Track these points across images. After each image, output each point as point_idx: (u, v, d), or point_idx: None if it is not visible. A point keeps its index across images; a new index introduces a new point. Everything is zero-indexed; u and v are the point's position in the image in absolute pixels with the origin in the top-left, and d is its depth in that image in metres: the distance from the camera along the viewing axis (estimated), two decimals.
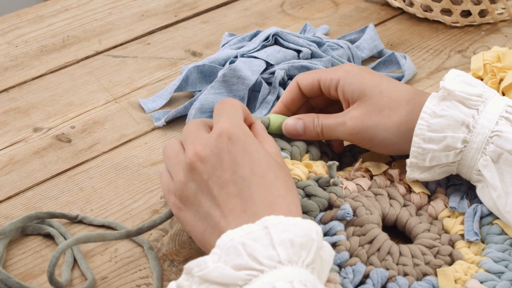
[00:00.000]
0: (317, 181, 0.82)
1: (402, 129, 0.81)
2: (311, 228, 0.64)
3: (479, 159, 0.77)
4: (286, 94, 0.88)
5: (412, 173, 0.81)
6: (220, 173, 0.70)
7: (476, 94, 0.78)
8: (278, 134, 0.87)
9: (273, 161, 0.72)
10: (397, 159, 0.87)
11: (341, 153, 0.89)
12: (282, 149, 0.84)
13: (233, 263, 0.62)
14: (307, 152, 0.86)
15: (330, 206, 0.80)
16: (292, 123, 0.86)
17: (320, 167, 0.84)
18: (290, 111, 0.89)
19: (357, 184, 0.83)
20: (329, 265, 0.66)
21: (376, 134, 0.81)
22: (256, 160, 0.70)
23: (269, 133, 0.86)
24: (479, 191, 0.79)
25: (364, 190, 0.83)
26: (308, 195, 0.80)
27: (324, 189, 0.81)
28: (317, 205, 0.79)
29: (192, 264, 0.62)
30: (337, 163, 0.83)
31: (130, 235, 0.77)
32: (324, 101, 0.90)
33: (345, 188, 0.82)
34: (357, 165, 0.85)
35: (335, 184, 0.81)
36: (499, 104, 0.78)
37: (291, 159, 0.85)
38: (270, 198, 0.68)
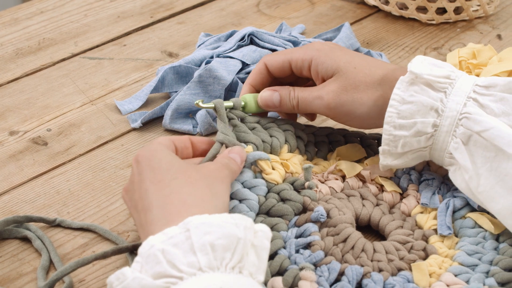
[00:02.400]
0: (292, 183, 0.82)
1: (378, 103, 0.81)
2: (238, 224, 0.64)
3: (450, 142, 0.78)
4: (254, 76, 0.88)
5: (385, 160, 0.81)
6: (133, 195, 0.72)
7: (444, 75, 0.78)
8: (257, 115, 0.88)
9: (177, 164, 0.72)
10: (371, 156, 0.88)
11: (318, 139, 0.90)
12: (263, 141, 0.84)
13: (152, 271, 0.61)
14: (285, 142, 0.86)
15: (304, 209, 0.80)
16: (268, 94, 0.86)
17: (297, 165, 0.84)
18: (257, 92, 0.89)
19: (330, 187, 0.83)
20: (267, 250, 0.65)
21: (353, 108, 0.82)
22: (156, 168, 0.71)
23: (247, 113, 0.86)
24: (451, 174, 0.79)
25: (336, 192, 0.83)
26: (283, 199, 0.80)
27: (299, 192, 0.81)
28: (292, 209, 0.79)
29: (112, 278, 0.62)
30: (313, 166, 0.83)
31: (114, 253, 0.76)
32: (291, 79, 0.90)
33: (319, 191, 0.82)
34: (331, 168, 0.85)
35: (310, 188, 0.81)
36: (466, 84, 0.78)
37: (271, 152, 0.85)
38: (163, 199, 0.68)
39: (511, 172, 0.73)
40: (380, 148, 0.80)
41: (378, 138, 0.90)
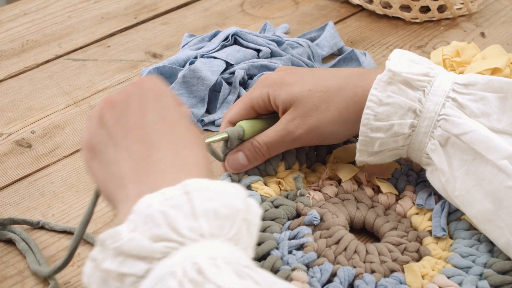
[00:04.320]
0: (286, 196, 0.82)
1: (343, 117, 0.80)
2: (238, 196, 0.59)
3: (427, 143, 0.77)
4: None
5: (361, 156, 0.80)
6: (128, 117, 0.64)
7: (422, 73, 0.77)
8: None
9: (188, 118, 0.67)
10: None
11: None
12: (258, 168, 0.84)
13: (150, 233, 0.56)
14: (282, 159, 0.85)
15: (298, 214, 0.80)
16: (233, 158, 0.83)
17: (293, 183, 0.84)
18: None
19: (324, 193, 0.83)
20: (257, 227, 0.60)
21: (321, 130, 0.81)
22: (168, 109, 0.65)
23: (243, 140, 0.84)
24: (428, 175, 0.79)
25: (331, 197, 0.83)
26: (276, 206, 0.80)
27: (292, 201, 0.81)
28: (285, 212, 0.79)
29: (105, 235, 0.57)
30: (302, 175, 0.83)
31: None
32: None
33: (312, 197, 0.82)
34: (324, 175, 0.85)
35: (302, 195, 0.81)
36: (445, 82, 0.77)
37: (267, 175, 0.84)
38: (176, 147, 0.63)
39: (488, 177, 0.72)
40: (357, 145, 0.79)
41: None
